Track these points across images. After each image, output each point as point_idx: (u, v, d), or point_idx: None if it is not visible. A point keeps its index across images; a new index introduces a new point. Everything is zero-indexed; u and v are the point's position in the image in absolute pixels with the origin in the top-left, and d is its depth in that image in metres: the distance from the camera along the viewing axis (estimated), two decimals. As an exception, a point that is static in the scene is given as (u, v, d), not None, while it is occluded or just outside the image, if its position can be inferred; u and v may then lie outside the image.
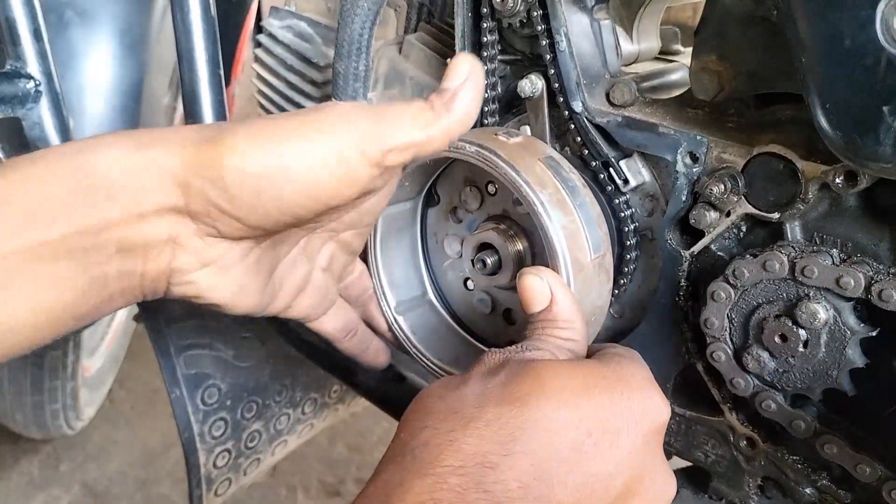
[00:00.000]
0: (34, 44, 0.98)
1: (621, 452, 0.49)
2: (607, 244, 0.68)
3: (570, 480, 0.47)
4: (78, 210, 0.50)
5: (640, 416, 0.51)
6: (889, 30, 0.47)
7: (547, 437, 0.47)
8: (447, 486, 0.45)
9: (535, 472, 0.46)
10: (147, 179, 0.51)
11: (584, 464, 0.48)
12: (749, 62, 0.63)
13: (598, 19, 0.71)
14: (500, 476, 0.45)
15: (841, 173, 0.57)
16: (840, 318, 0.59)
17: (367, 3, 0.81)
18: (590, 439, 0.48)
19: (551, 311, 0.58)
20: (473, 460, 0.46)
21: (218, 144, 0.51)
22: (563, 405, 0.49)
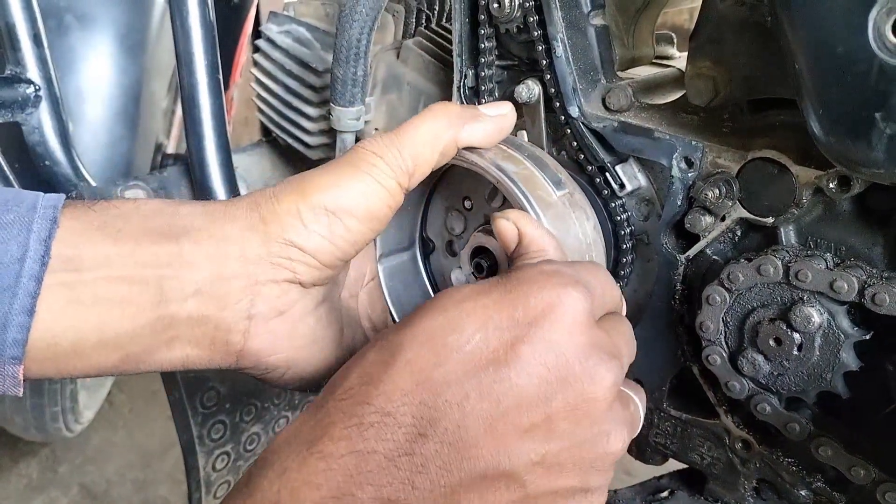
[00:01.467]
0: (34, 49, 0.98)
1: (517, 350, 0.47)
2: (573, 185, 0.69)
3: (455, 379, 0.46)
4: (162, 241, 0.54)
5: (535, 310, 0.48)
6: (881, 36, 0.47)
7: (425, 345, 0.47)
8: (336, 410, 0.46)
9: (415, 379, 0.46)
10: (231, 230, 0.56)
11: (471, 362, 0.46)
12: (744, 68, 0.64)
13: (595, 25, 0.71)
14: (382, 389, 0.46)
15: (834, 178, 0.58)
16: (834, 321, 0.60)
17: (366, 9, 0.82)
18: (474, 339, 0.47)
19: (522, 245, 0.58)
20: (359, 381, 0.47)
21: (291, 193, 0.58)
22: (441, 314, 0.48)
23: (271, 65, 1.04)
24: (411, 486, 0.44)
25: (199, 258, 0.55)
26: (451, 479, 0.45)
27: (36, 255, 0.50)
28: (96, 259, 0.52)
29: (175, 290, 0.54)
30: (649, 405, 0.76)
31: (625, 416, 0.52)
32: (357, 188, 0.58)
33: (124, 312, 0.53)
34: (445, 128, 0.61)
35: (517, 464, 0.46)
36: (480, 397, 0.46)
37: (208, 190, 1.00)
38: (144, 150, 1.29)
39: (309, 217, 0.57)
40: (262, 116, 1.10)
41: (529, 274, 0.50)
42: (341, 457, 0.44)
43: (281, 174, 1.17)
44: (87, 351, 0.53)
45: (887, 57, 0.47)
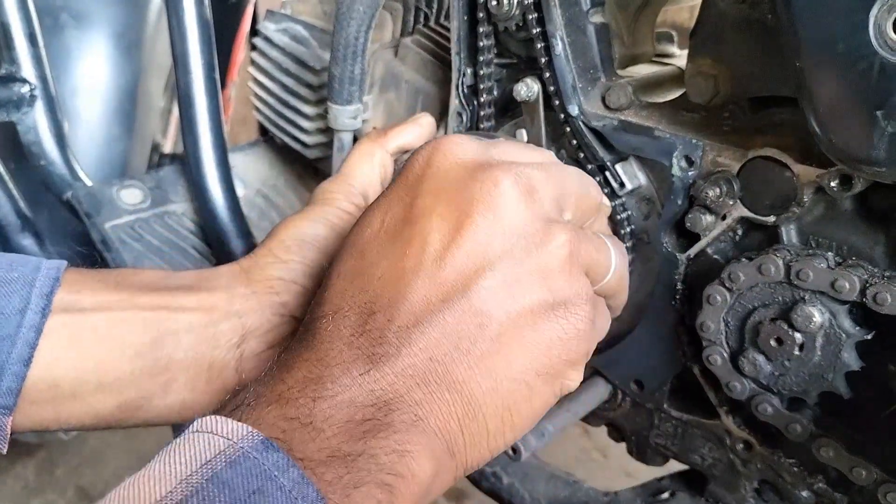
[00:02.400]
0: (29, 48, 0.98)
1: (417, 203, 0.49)
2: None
3: (379, 256, 0.48)
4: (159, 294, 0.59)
5: (421, 171, 0.50)
6: (882, 34, 0.47)
7: (349, 249, 0.51)
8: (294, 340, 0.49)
9: (349, 278, 0.49)
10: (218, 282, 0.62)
11: (388, 237, 0.49)
12: (744, 66, 0.63)
13: (594, 23, 0.71)
14: (323, 300, 0.49)
15: (836, 177, 0.58)
16: (835, 321, 0.59)
17: (363, 7, 0.81)
18: (385, 220, 0.50)
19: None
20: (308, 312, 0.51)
21: (265, 244, 0.65)
22: (357, 221, 0.52)
23: (268, 63, 1.03)
24: (376, 357, 0.45)
25: (191, 304, 0.59)
26: (410, 336, 0.46)
27: (37, 308, 0.53)
28: (96, 302, 0.56)
29: (170, 331, 0.58)
30: (650, 406, 0.76)
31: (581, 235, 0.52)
32: (322, 218, 0.65)
33: (123, 354, 0.56)
34: (371, 146, 0.71)
35: (471, 297, 0.46)
36: (406, 259, 0.47)
37: (205, 189, 0.99)
38: (141, 150, 1.28)
39: (281, 251, 0.63)
40: (260, 115, 1.09)
41: (416, 152, 0.53)
42: (303, 360, 0.45)
43: (278, 173, 1.16)
44: (86, 395, 0.55)
45: (888, 55, 0.47)
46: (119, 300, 0.57)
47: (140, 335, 0.56)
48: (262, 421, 0.41)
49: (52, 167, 1.01)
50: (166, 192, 1.05)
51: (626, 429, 0.80)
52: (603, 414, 0.81)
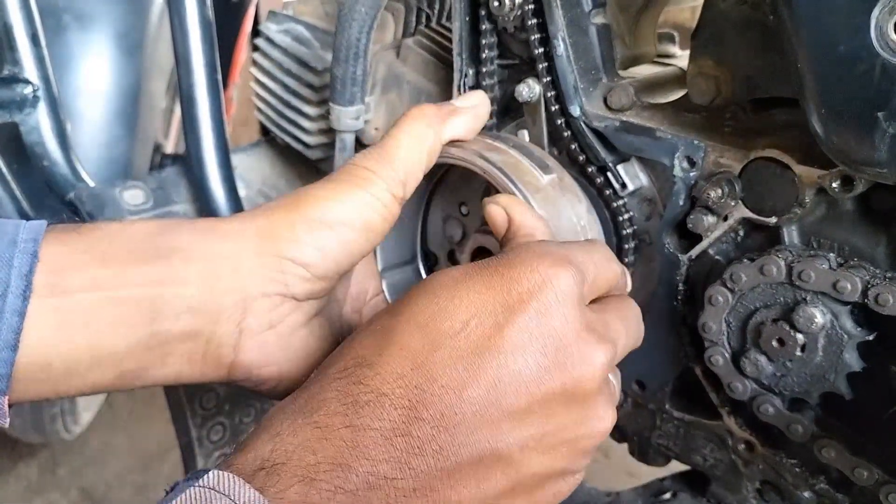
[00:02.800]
0: (32, 49, 0.98)
1: (505, 331, 0.47)
2: (560, 168, 0.69)
3: (447, 366, 0.46)
4: (152, 261, 0.55)
5: (525, 291, 0.48)
6: (883, 35, 0.47)
7: (419, 329, 0.47)
8: (331, 388, 0.46)
9: (410, 363, 0.46)
10: (222, 247, 0.57)
11: (462, 347, 0.46)
12: (746, 67, 0.64)
13: (596, 23, 0.71)
14: (377, 371, 0.46)
15: (837, 178, 0.58)
16: (837, 322, 0.59)
17: (365, 8, 0.81)
18: (466, 326, 0.47)
19: (511, 229, 0.58)
20: (353, 362, 0.47)
21: (284, 209, 0.59)
22: (435, 298, 0.48)
23: (270, 64, 1.03)
24: (407, 466, 0.44)
25: (190, 276, 0.55)
26: (446, 462, 0.45)
27: (17, 291, 0.50)
28: (84, 282, 0.53)
29: (167, 307, 0.55)
30: (652, 406, 0.76)
31: (611, 396, 0.52)
32: (352, 201, 0.59)
33: (117, 332, 0.54)
34: (426, 129, 0.63)
35: (513, 448, 0.46)
36: (476, 382, 0.46)
37: (207, 190, 1.00)
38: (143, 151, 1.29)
39: (302, 229, 0.58)
40: (261, 116, 1.10)
41: (518, 255, 0.50)
42: (337, 429, 0.44)
43: (280, 174, 1.16)
44: (81, 371, 0.53)
45: (890, 56, 0.47)
46: (108, 278, 0.53)
47: (134, 314, 0.54)
48: (284, 498, 0.41)
49: (55, 168, 1.01)
50: (169, 193, 1.05)
51: (627, 429, 0.80)
52: (605, 414, 0.81)
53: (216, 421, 1.06)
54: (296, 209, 0.59)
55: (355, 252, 0.61)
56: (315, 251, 0.58)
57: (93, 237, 0.55)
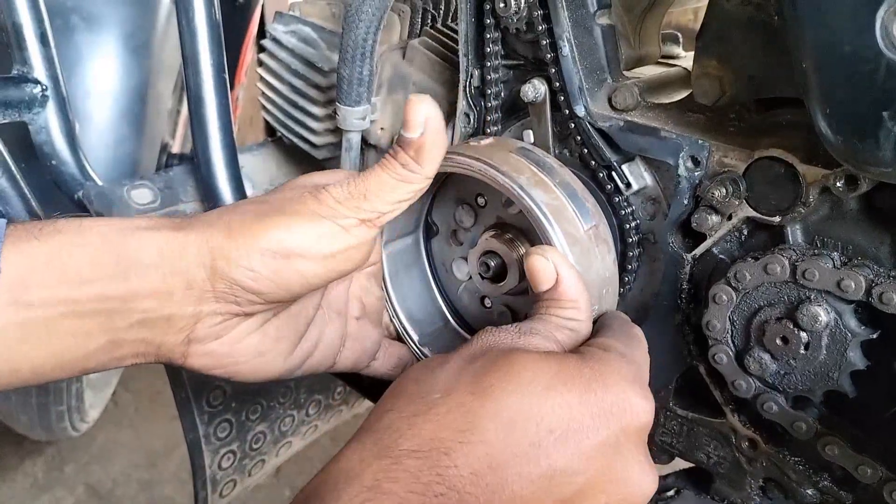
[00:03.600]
0: (41, 49, 0.99)
1: (585, 451, 0.48)
2: (599, 214, 0.69)
3: (525, 472, 0.47)
4: (110, 279, 0.56)
5: (611, 416, 0.50)
6: (888, 35, 0.47)
7: (505, 428, 0.47)
8: (403, 467, 0.46)
9: (488, 461, 0.46)
10: (179, 264, 0.58)
11: (543, 458, 0.47)
12: (750, 67, 0.64)
13: (601, 24, 0.71)
14: (454, 461, 0.46)
15: (841, 177, 0.58)
16: (841, 320, 0.60)
17: (372, 9, 0.82)
18: (551, 435, 0.48)
19: (556, 290, 0.58)
20: (430, 444, 0.47)
21: (242, 233, 0.59)
22: (526, 398, 0.49)
23: (277, 64, 1.04)
24: None
25: (145, 291, 0.57)
26: None
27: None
28: (45, 297, 0.55)
29: (121, 319, 0.58)
30: (656, 404, 0.76)
31: None
32: (314, 231, 0.59)
33: (77, 341, 0.57)
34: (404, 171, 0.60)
35: None
36: (545, 494, 0.48)
37: (214, 189, 1.00)
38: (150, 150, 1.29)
39: (256, 260, 0.58)
40: (268, 116, 1.10)
41: (610, 373, 0.52)
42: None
43: (287, 173, 1.17)
44: (46, 372, 0.57)
45: (895, 56, 0.47)
46: (68, 293, 0.55)
47: (92, 325, 0.56)
48: None
49: (64, 167, 1.02)
50: (176, 192, 1.06)
51: (632, 427, 0.80)
52: (609, 412, 0.81)
53: (223, 418, 1.07)
54: (252, 237, 0.58)
55: (313, 281, 0.61)
56: (269, 282, 0.59)
57: (53, 244, 0.56)
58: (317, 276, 0.61)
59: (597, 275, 0.66)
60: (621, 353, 0.55)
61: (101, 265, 0.56)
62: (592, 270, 0.66)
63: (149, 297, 0.57)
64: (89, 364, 0.59)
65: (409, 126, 0.59)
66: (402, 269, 0.81)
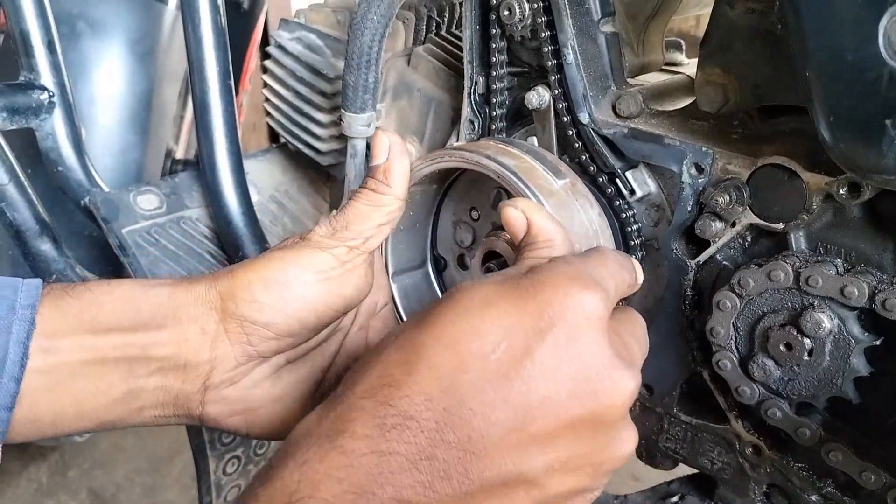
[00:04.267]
0: (48, 56, 0.99)
1: (536, 356, 0.47)
2: (572, 174, 0.70)
3: (478, 387, 0.46)
4: (131, 328, 0.61)
5: (553, 314, 0.48)
6: (891, 44, 0.48)
7: (449, 349, 0.47)
8: (356, 409, 0.46)
9: (440, 385, 0.46)
10: (192, 311, 0.62)
11: (492, 371, 0.46)
12: (753, 75, 0.64)
13: (605, 32, 0.72)
14: (404, 392, 0.46)
15: (844, 184, 0.58)
16: (844, 327, 0.60)
17: (377, 16, 0.83)
18: (497, 347, 0.47)
19: (530, 234, 0.57)
20: (379, 381, 0.47)
21: (244, 269, 0.63)
22: (465, 316, 0.48)
23: (282, 71, 1.05)
24: (432, 490, 0.44)
25: (163, 339, 0.61)
26: (471, 485, 0.45)
27: (15, 358, 0.56)
28: (72, 346, 0.59)
29: (142, 368, 0.61)
30: (660, 410, 0.77)
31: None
32: (308, 260, 0.63)
33: (98, 389, 0.59)
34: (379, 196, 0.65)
35: (538, 471, 0.47)
36: (505, 406, 0.46)
37: (219, 195, 1.01)
38: (155, 156, 1.30)
39: (258, 289, 0.61)
40: (273, 122, 1.11)
41: (548, 275, 0.50)
42: (363, 455, 0.44)
43: (291, 179, 1.18)
44: (65, 423, 0.59)
45: (898, 64, 0.47)
46: (94, 344, 0.59)
47: (115, 375, 0.60)
48: None
49: (70, 173, 1.03)
50: (181, 198, 1.06)
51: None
52: (613, 418, 0.81)
53: (227, 423, 1.07)
54: (253, 270, 0.62)
55: (319, 308, 0.63)
56: (274, 311, 0.61)
57: (84, 301, 0.60)
58: (320, 302, 0.63)
59: (581, 226, 0.67)
60: (565, 260, 0.53)
61: (123, 316, 0.60)
62: (576, 222, 0.67)
63: (166, 344, 0.61)
64: (109, 416, 0.61)
65: (375, 153, 0.65)
66: (417, 303, 0.81)
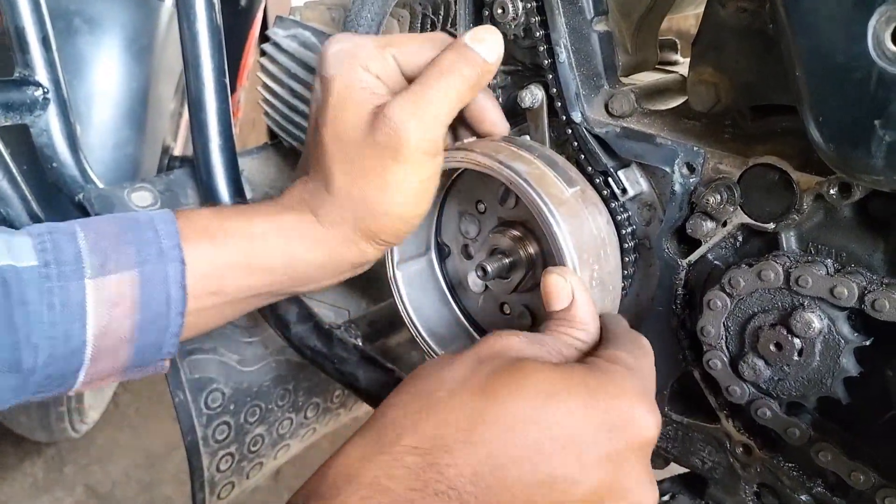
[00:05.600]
0: (42, 52, 0.99)
1: (587, 461, 0.49)
2: (583, 180, 0.70)
3: (524, 477, 0.47)
4: (282, 274, 0.70)
5: (615, 429, 0.50)
6: (880, 45, 0.48)
7: (508, 432, 0.48)
8: (403, 464, 0.46)
9: (490, 463, 0.47)
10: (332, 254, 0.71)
11: (543, 464, 0.48)
12: (745, 74, 0.64)
13: (598, 31, 0.72)
14: (454, 460, 0.47)
15: (835, 184, 0.58)
16: (834, 327, 0.60)
17: (371, 14, 0.83)
18: (554, 443, 0.48)
19: (570, 311, 0.59)
20: (431, 442, 0.48)
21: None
22: (530, 403, 0.49)
23: (277, 68, 1.05)
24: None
25: (310, 279, 0.72)
26: None
27: (178, 297, 0.63)
28: (237, 290, 0.68)
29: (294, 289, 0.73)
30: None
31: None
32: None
33: (257, 304, 0.73)
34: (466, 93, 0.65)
35: None
36: (543, 501, 0.48)
37: (214, 192, 1.01)
38: (151, 153, 1.30)
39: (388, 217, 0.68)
40: (269, 119, 1.11)
41: (614, 381, 0.52)
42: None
43: (286, 177, 1.17)
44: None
45: (886, 65, 0.47)
46: (254, 285, 0.68)
47: (267, 299, 0.72)
48: None
49: (65, 169, 1.03)
50: (176, 195, 1.06)
51: (627, 432, 0.81)
52: (605, 417, 0.81)
53: (221, 420, 1.07)
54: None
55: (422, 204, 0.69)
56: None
57: (231, 249, 0.67)
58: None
59: (590, 235, 0.67)
60: (628, 366, 0.55)
61: (273, 266, 0.68)
62: (585, 230, 0.67)
63: (311, 283, 0.70)
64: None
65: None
66: (420, 290, 0.82)
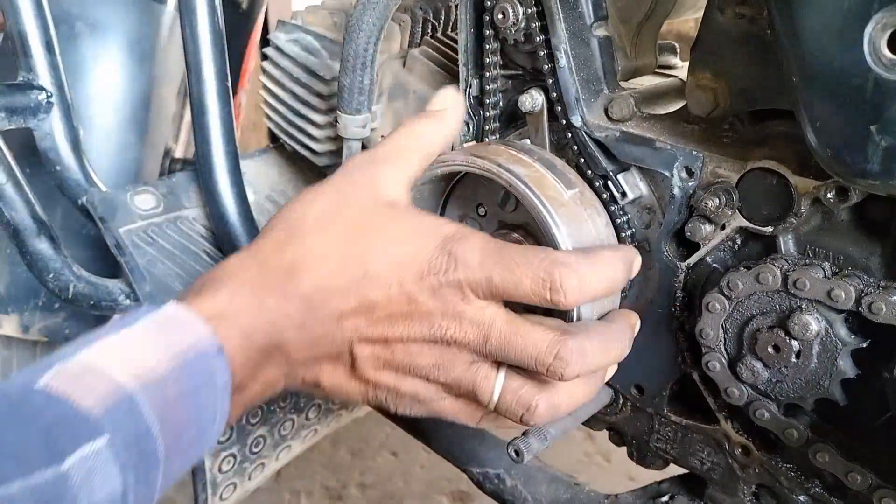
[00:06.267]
0: (46, 56, 1.00)
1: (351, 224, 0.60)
2: (582, 182, 0.71)
3: (316, 232, 0.60)
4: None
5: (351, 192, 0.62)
6: (876, 51, 0.48)
7: (298, 208, 0.62)
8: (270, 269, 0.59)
9: (285, 230, 0.61)
10: None
11: (331, 227, 0.60)
12: (743, 79, 0.65)
13: (598, 36, 0.72)
14: (264, 238, 0.61)
15: (832, 188, 0.59)
16: (832, 329, 0.60)
17: (372, 19, 0.83)
18: (337, 217, 0.60)
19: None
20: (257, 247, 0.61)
21: None
22: (315, 194, 0.63)
23: (279, 72, 1.05)
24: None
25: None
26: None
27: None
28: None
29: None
30: (650, 411, 0.77)
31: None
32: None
33: None
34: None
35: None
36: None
37: (216, 195, 1.01)
38: (154, 156, 1.30)
39: None
40: (270, 123, 1.12)
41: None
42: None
43: (288, 180, 1.18)
44: None
45: (882, 71, 0.48)
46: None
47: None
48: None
49: (68, 172, 1.03)
50: (179, 198, 1.07)
51: (626, 433, 0.81)
52: (604, 418, 0.82)
53: (223, 422, 1.08)
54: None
55: None
56: None
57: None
58: None
59: (589, 236, 0.68)
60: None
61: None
62: (584, 232, 0.68)
63: None
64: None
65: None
66: None
